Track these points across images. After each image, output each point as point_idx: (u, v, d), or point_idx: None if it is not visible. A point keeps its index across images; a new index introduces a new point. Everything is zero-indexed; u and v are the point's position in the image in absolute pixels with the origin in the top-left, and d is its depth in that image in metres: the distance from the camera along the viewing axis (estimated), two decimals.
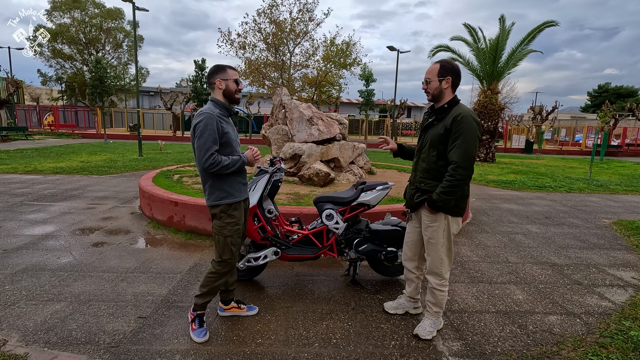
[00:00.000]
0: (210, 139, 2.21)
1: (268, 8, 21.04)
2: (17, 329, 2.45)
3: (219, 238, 2.38)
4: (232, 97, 2.40)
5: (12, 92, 20.51)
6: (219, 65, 2.39)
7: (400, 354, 2.33)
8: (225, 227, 2.36)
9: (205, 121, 2.21)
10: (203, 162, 2.21)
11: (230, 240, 2.38)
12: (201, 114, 2.24)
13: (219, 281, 2.44)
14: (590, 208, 6.79)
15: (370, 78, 24.73)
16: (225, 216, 2.35)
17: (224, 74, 2.35)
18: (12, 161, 10.51)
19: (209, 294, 2.45)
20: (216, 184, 2.33)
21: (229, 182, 2.35)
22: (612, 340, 2.50)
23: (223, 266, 2.42)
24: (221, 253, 2.40)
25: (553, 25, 13.79)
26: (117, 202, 6.12)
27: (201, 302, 2.44)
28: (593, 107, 48.88)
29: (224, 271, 2.44)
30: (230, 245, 2.40)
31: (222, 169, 2.24)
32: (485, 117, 15.18)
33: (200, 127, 2.21)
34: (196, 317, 2.45)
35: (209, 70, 2.40)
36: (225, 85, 2.35)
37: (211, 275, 2.43)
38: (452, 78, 2.33)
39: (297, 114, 6.72)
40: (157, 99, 39.96)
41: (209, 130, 2.21)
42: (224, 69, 2.37)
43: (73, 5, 33.51)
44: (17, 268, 3.42)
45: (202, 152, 2.20)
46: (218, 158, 2.23)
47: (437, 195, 2.28)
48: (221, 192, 2.34)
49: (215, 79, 2.34)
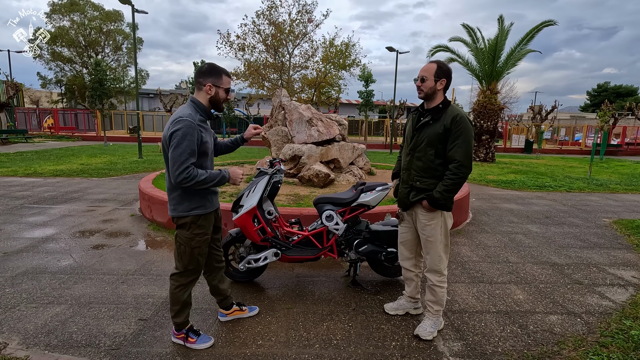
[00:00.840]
0: (188, 151, 1.99)
1: (267, 9, 21.07)
2: (17, 332, 2.45)
3: (185, 249, 2.19)
4: (219, 105, 2.21)
5: (11, 95, 20.52)
6: (214, 67, 2.16)
7: (401, 354, 2.32)
8: (194, 239, 2.19)
9: (184, 130, 1.99)
10: (176, 176, 1.99)
11: (197, 251, 2.22)
12: (180, 121, 2.01)
13: (187, 292, 2.29)
14: (590, 207, 6.79)
15: (370, 79, 24.77)
16: (194, 227, 2.18)
17: (218, 80, 2.16)
18: (12, 164, 10.52)
19: (184, 307, 2.30)
20: (186, 194, 2.14)
21: (201, 193, 2.18)
22: (613, 339, 2.50)
23: (188, 275, 2.26)
24: (187, 264, 2.23)
25: (551, 25, 13.82)
26: (117, 205, 6.12)
27: (181, 320, 2.31)
28: (592, 106, 48.92)
29: (189, 280, 2.28)
30: (198, 256, 2.24)
31: (197, 184, 2.04)
32: (484, 117, 15.19)
33: (178, 136, 1.99)
34: (187, 332, 2.33)
35: (202, 68, 2.16)
36: (216, 92, 2.16)
37: (177, 290, 2.25)
38: (446, 81, 2.39)
39: (297, 115, 6.73)
40: (157, 101, 39.98)
41: (188, 140, 1.99)
42: (219, 74, 2.16)
43: (72, 8, 33.57)
44: (18, 271, 3.42)
45: (176, 164, 1.99)
46: (194, 172, 2.02)
47: (440, 193, 2.32)
48: (191, 203, 2.14)
49: (206, 81, 2.14)
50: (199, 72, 2.17)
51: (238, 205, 2.92)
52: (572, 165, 14.55)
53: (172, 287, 2.28)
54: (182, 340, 2.34)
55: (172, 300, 2.29)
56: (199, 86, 2.17)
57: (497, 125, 15.66)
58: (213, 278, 2.55)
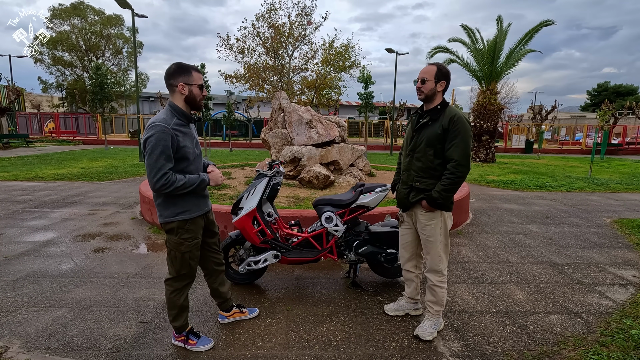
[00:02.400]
0: (162, 158, 1.96)
1: (267, 12, 21.17)
2: (18, 336, 2.46)
3: (175, 254, 2.18)
4: (196, 104, 2.14)
5: (13, 99, 20.62)
6: (181, 65, 2.09)
7: (401, 355, 2.33)
8: (183, 244, 2.17)
9: (157, 136, 1.95)
10: (154, 183, 1.98)
11: (188, 255, 2.21)
12: (153, 127, 1.96)
13: (183, 295, 2.29)
14: (590, 207, 6.78)
15: (369, 80, 24.75)
16: (182, 232, 2.15)
17: (188, 77, 2.08)
18: (13, 168, 10.56)
19: (182, 311, 2.31)
20: (170, 200, 2.11)
21: (186, 197, 2.15)
22: (613, 339, 2.50)
23: (182, 280, 2.26)
24: (179, 269, 2.22)
25: (550, 25, 13.84)
26: (118, 208, 6.14)
27: (180, 324, 2.32)
28: (593, 106, 48.89)
29: (184, 284, 2.28)
30: (189, 260, 2.22)
31: (176, 189, 2.02)
32: (484, 118, 15.20)
33: (151, 143, 1.94)
34: (187, 334, 2.34)
35: (170, 70, 2.08)
36: (189, 90, 2.09)
37: (173, 295, 2.25)
38: (446, 83, 2.42)
39: (296, 117, 6.75)
40: (157, 104, 40.10)
41: (161, 146, 1.95)
42: (188, 71, 2.08)
43: (73, 12, 33.74)
44: (19, 275, 3.44)
45: (152, 171, 1.96)
46: (172, 177, 1.99)
47: (438, 193, 2.34)
48: (176, 208, 2.12)
49: (177, 81, 2.06)
50: (167, 74, 2.09)
51: (238, 208, 2.94)
52: (573, 165, 14.53)
53: (168, 292, 2.28)
54: (182, 342, 2.34)
55: (169, 305, 2.30)
56: (171, 89, 2.11)
57: (497, 125, 15.67)
58: (213, 281, 2.55)
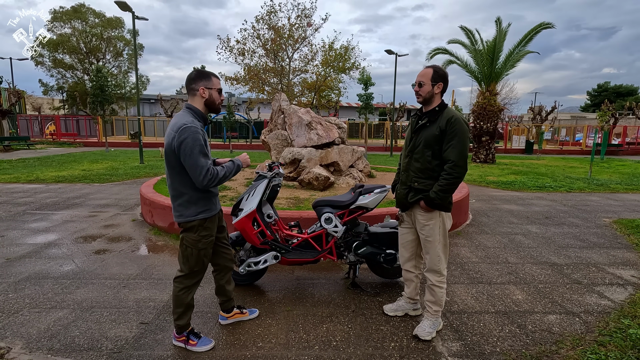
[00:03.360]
0: (201, 156, 2.10)
1: (267, 14, 21.23)
2: (20, 337, 2.48)
3: (191, 251, 2.26)
4: (214, 107, 2.29)
5: (14, 102, 20.67)
6: (202, 72, 2.26)
7: (400, 355, 2.34)
8: (200, 241, 2.26)
9: (193, 137, 2.08)
10: (201, 180, 2.10)
11: (203, 252, 2.30)
12: (186, 129, 2.08)
13: (191, 293, 2.35)
14: (590, 207, 6.79)
15: (369, 82, 24.79)
16: (201, 229, 2.26)
17: (208, 82, 2.24)
18: (14, 171, 10.59)
19: (187, 310, 2.35)
20: (193, 199, 2.22)
21: (207, 196, 2.27)
22: (611, 338, 2.51)
23: (192, 278, 2.33)
24: (193, 266, 2.29)
25: (549, 28, 13.87)
26: (118, 210, 6.16)
27: (184, 322, 2.35)
28: (593, 106, 48.88)
29: (194, 282, 2.35)
30: (203, 258, 2.32)
31: (220, 181, 2.17)
32: (484, 119, 15.22)
33: (189, 144, 2.07)
34: (188, 335, 2.37)
35: (191, 75, 2.25)
36: (209, 94, 2.24)
37: (181, 293, 2.31)
38: (443, 84, 2.45)
39: (296, 118, 6.77)
40: (158, 106, 40.17)
41: (198, 146, 2.09)
42: (208, 77, 2.25)
43: (74, 15, 33.84)
44: (21, 276, 3.46)
45: (197, 170, 2.09)
46: (214, 171, 2.14)
47: (435, 193, 2.36)
48: (198, 207, 2.23)
49: (198, 85, 2.22)
50: (188, 79, 2.25)
51: (237, 209, 2.96)
52: (573, 165, 14.54)
53: (177, 289, 2.32)
54: (183, 343, 2.36)
55: (176, 303, 2.32)
56: (192, 92, 2.24)
57: (497, 126, 15.68)
58: (222, 277, 2.59)
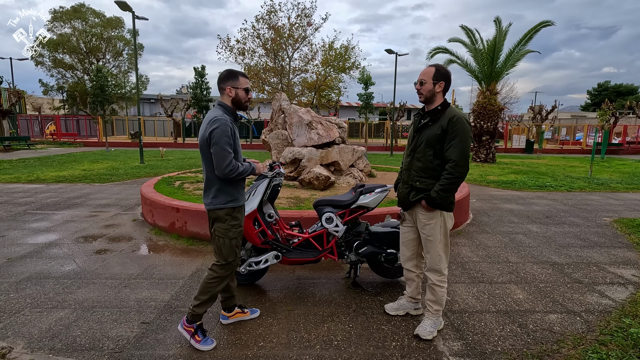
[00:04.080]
0: (228, 146, 2.23)
1: (267, 14, 21.24)
2: (22, 337, 2.48)
3: (224, 241, 2.37)
4: (241, 105, 2.41)
5: (14, 102, 20.69)
6: (231, 72, 2.38)
7: (401, 354, 2.34)
8: (230, 230, 2.37)
9: (222, 127, 2.22)
10: (223, 169, 2.23)
11: (234, 242, 2.40)
12: (217, 121, 2.24)
13: (221, 285, 2.42)
14: (591, 207, 6.79)
15: (369, 81, 24.81)
16: (230, 219, 2.37)
17: (235, 82, 2.36)
18: (14, 171, 10.59)
19: (210, 300, 2.40)
20: (224, 188, 2.34)
21: (236, 187, 2.39)
22: (612, 337, 2.51)
23: (227, 269, 2.42)
24: (227, 255, 2.39)
25: (549, 25, 13.86)
26: (119, 210, 6.16)
27: (201, 312, 2.39)
28: (593, 105, 48.86)
29: (227, 274, 2.43)
30: (235, 248, 2.41)
31: (238, 174, 2.29)
32: (484, 118, 15.21)
33: (217, 133, 2.21)
34: (197, 329, 2.40)
35: (221, 75, 2.39)
36: (235, 93, 2.36)
37: (213, 281, 2.39)
38: (445, 83, 2.43)
39: (297, 118, 6.77)
40: (158, 106, 40.18)
41: (226, 137, 2.23)
42: (235, 77, 2.37)
43: (74, 15, 33.85)
44: (22, 276, 3.46)
45: (221, 158, 2.22)
46: (235, 164, 2.26)
47: (436, 192, 2.36)
48: (228, 196, 2.36)
49: (226, 85, 2.35)
50: (219, 80, 2.40)
51: None
52: (573, 164, 14.54)
53: (209, 276, 2.40)
54: (189, 334, 2.39)
55: (203, 290, 2.39)
56: (221, 91, 2.39)
57: (497, 125, 15.67)
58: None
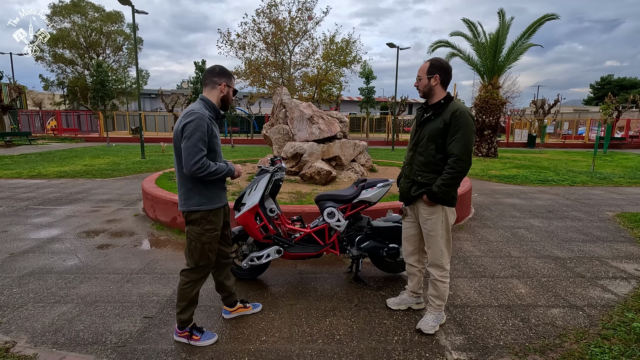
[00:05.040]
0: (200, 142, 2.09)
1: (267, 8, 21.05)
2: (25, 331, 2.49)
3: (195, 244, 2.25)
4: (228, 104, 2.37)
5: (15, 97, 20.64)
6: (225, 70, 2.33)
7: (403, 348, 2.35)
8: (204, 234, 2.24)
9: (197, 122, 2.09)
10: (191, 166, 2.07)
11: (208, 247, 2.27)
12: (192, 114, 2.11)
13: (196, 288, 2.32)
14: (593, 201, 6.77)
15: (371, 75, 24.66)
16: (204, 222, 2.23)
17: (230, 80, 2.33)
18: (16, 166, 10.60)
19: (190, 304, 2.33)
20: (197, 189, 2.20)
21: (211, 188, 2.25)
22: (615, 332, 2.51)
23: (198, 272, 2.31)
24: (198, 260, 2.27)
25: (553, 19, 13.72)
26: (120, 205, 6.17)
27: (186, 317, 2.33)
28: (596, 99, 48.56)
29: (200, 277, 2.32)
30: (208, 252, 2.29)
31: (208, 174, 2.13)
32: (486, 112, 15.13)
33: (191, 127, 2.08)
34: (191, 330, 2.35)
35: (215, 69, 2.29)
36: (227, 91, 2.32)
37: (186, 286, 2.29)
38: (441, 75, 2.38)
39: (298, 113, 6.74)
40: (159, 101, 40.05)
41: (200, 132, 2.09)
42: (230, 76, 2.34)
43: (73, 9, 33.67)
44: (24, 271, 3.47)
45: (190, 154, 2.07)
46: (206, 162, 2.11)
47: (438, 187, 2.34)
48: (202, 198, 2.21)
49: (222, 81, 2.29)
50: (212, 72, 2.28)
51: (240, 204, 2.95)
52: (576, 159, 14.47)
53: (182, 282, 2.31)
54: (185, 338, 2.36)
55: (180, 296, 2.31)
56: (213, 85, 2.28)
57: (499, 120, 15.59)
58: (219, 274, 2.58)
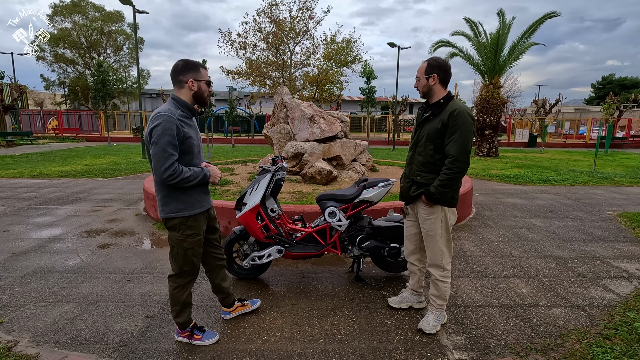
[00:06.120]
0: (169, 147, 1.96)
1: (268, 7, 21.04)
2: (27, 330, 2.50)
3: (177, 251, 2.19)
4: (203, 99, 2.19)
5: (16, 97, 20.66)
6: (189, 62, 2.13)
7: (405, 348, 2.35)
8: (185, 240, 2.17)
9: (164, 125, 1.96)
10: (161, 173, 1.97)
11: (190, 252, 2.20)
12: (158, 117, 1.98)
13: (186, 292, 2.29)
14: (594, 201, 6.76)
15: (371, 75, 24.62)
16: (184, 228, 2.15)
17: (196, 74, 2.13)
18: (17, 166, 10.62)
19: (184, 307, 2.32)
20: (173, 195, 2.11)
21: (189, 193, 2.14)
22: (617, 331, 2.51)
23: (185, 276, 2.26)
24: (181, 266, 2.22)
25: (554, 17, 13.68)
26: (122, 204, 6.18)
27: (183, 320, 2.32)
28: (597, 99, 48.46)
29: (187, 281, 2.28)
30: (192, 257, 2.22)
31: (182, 181, 2.02)
32: (487, 112, 15.10)
33: (157, 131, 1.95)
34: (192, 330, 2.35)
35: (178, 66, 2.11)
36: (198, 86, 2.14)
37: (176, 291, 2.26)
38: (439, 74, 2.37)
39: (299, 112, 6.74)
40: (160, 100, 40.08)
41: (168, 135, 1.96)
42: (196, 68, 2.13)
43: (74, 9, 33.68)
44: (26, 271, 3.48)
45: (159, 161, 1.96)
46: (178, 168, 2.00)
47: (435, 188, 2.33)
48: (179, 204, 2.12)
49: (187, 77, 2.11)
50: (175, 70, 2.13)
51: (241, 203, 2.95)
52: (577, 158, 14.45)
53: (171, 288, 2.28)
54: (186, 338, 2.36)
55: (172, 301, 2.30)
56: (179, 84, 2.13)
57: (500, 119, 15.57)
58: (215, 277, 2.57)
